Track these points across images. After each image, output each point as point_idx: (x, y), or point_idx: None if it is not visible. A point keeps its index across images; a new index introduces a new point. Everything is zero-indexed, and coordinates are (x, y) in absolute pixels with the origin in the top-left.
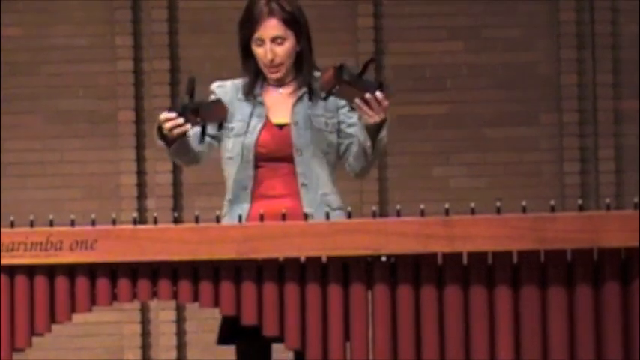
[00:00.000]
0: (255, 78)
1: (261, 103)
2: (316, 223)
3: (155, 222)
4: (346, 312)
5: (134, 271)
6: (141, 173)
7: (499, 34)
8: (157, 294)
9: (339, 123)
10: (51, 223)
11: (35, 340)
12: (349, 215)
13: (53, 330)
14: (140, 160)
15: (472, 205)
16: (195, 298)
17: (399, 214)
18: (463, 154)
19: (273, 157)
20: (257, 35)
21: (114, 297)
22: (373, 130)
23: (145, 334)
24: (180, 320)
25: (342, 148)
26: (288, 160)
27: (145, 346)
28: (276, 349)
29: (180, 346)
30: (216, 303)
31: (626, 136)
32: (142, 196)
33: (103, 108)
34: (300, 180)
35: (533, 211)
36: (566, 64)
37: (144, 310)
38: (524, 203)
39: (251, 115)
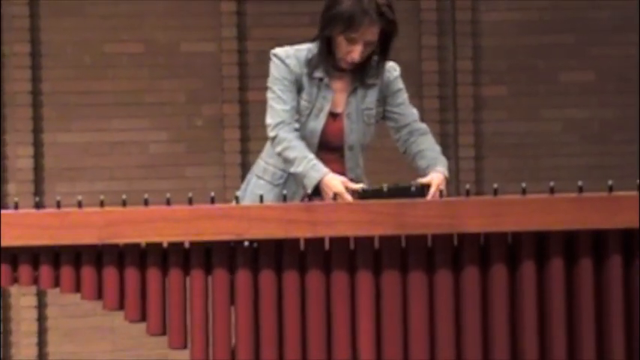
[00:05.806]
0: (322, 59)
1: (328, 86)
2: (179, 208)
3: (16, 207)
4: (209, 297)
5: None
6: (1, 157)
7: None
8: (17, 280)
9: (384, 111)
10: None
11: None
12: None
13: None
14: (1, 144)
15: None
16: (57, 283)
17: (261, 199)
18: None
19: (326, 146)
20: (353, 35)
21: None
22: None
23: (6, 319)
24: (41, 306)
25: (397, 128)
26: (339, 151)
27: (6, 332)
28: None
29: (41, 332)
30: (78, 289)
31: (485, 123)
32: (2, 181)
33: None
34: (349, 175)
35: None
36: (426, 51)
37: (4, 295)
38: (385, 187)
39: (317, 97)
